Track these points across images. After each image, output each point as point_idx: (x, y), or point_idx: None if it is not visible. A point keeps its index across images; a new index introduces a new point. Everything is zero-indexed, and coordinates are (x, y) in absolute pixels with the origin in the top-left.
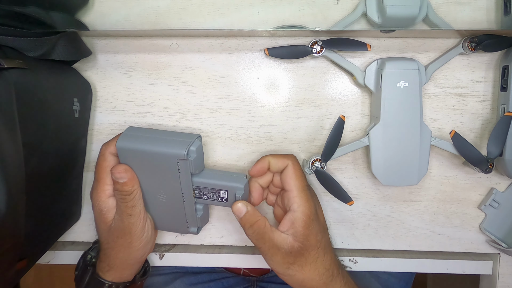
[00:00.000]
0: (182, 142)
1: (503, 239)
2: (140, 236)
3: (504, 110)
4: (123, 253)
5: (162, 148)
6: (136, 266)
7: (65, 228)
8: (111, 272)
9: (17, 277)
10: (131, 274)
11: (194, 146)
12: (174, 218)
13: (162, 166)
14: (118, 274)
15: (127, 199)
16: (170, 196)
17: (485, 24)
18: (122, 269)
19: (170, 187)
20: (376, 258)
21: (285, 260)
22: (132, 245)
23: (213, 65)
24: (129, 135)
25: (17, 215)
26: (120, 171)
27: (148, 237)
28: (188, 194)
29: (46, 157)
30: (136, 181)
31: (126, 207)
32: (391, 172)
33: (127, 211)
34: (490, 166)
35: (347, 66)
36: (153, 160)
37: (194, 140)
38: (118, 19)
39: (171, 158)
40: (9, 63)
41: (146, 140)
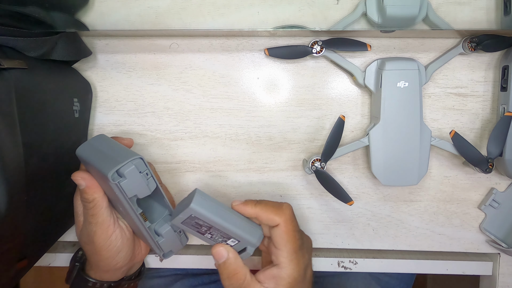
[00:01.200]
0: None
1: (503, 239)
2: (104, 246)
3: (504, 110)
4: (93, 258)
5: (100, 166)
6: (116, 272)
7: (65, 228)
8: (93, 271)
9: (17, 277)
10: (113, 276)
11: (126, 169)
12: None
13: (107, 184)
14: (99, 274)
15: (88, 206)
16: (128, 213)
17: (485, 24)
18: (101, 271)
19: (121, 204)
20: (376, 259)
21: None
22: (98, 253)
23: (213, 65)
24: (90, 143)
25: (17, 215)
26: (77, 178)
27: (118, 247)
28: (138, 219)
29: (46, 157)
30: (97, 189)
31: (87, 214)
32: (391, 172)
33: (88, 219)
34: (490, 166)
35: (347, 66)
36: (100, 176)
37: (127, 163)
38: (118, 19)
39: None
40: (9, 63)
41: (96, 152)
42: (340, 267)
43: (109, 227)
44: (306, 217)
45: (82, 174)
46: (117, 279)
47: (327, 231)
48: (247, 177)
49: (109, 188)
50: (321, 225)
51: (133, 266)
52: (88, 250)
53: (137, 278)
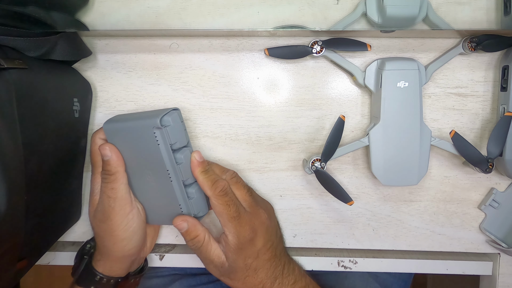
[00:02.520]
0: (158, 113)
1: (503, 239)
2: (121, 224)
3: (504, 110)
4: (108, 241)
5: (139, 121)
6: (126, 260)
7: (65, 228)
8: (101, 262)
9: (17, 277)
10: (121, 268)
11: (169, 116)
12: (166, 204)
13: (143, 141)
14: (107, 265)
15: (108, 179)
16: (156, 175)
17: (485, 24)
18: (111, 260)
19: (154, 163)
20: (376, 258)
21: (216, 270)
22: (114, 233)
23: (213, 65)
24: (115, 118)
25: (17, 215)
26: (105, 148)
27: (134, 229)
28: (174, 172)
29: (46, 157)
30: (120, 163)
31: (106, 187)
32: (391, 172)
33: (107, 192)
34: (490, 166)
35: (347, 66)
36: (134, 136)
37: (170, 111)
38: (118, 19)
39: (147, 129)
40: (9, 63)
41: (128, 118)
42: (340, 267)
43: (127, 205)
44: (306, 217)
45: (110, 145)
46: (123, 273)
47: (327, 231)
48: (247, 177)
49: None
50: (321, 225)
51: (136, 262)
52: (103, 230)
53: (141, 273)
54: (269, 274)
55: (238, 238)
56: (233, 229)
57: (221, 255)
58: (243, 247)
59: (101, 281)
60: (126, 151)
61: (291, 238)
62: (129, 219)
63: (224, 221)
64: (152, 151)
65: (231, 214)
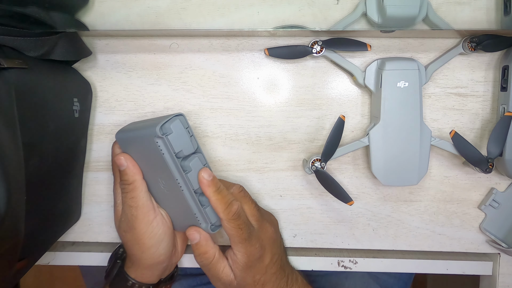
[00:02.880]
0: (159, 121)
1: (503, 239)
2: (146, 232)
3: (504, 110)
4: (136, 250)
5: (142, 131)
6: (157, 267)
7: (65, 228)
8: (132, 269)
9: (17, 277)
10: (153, 275)
11: (171, 123)
12: (183, 212)
13: (149, 150)
14: (139, 272)
15: (127, 188)
16: (168, 184)
17: (485, 24)
18: (141, 268)
19: (164, 172)
20: (376, 258)
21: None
22: (140, 242)
23: (213, 65)
24: (126, 127)
25: (17, 215)
26: (120, 158)
27: (160, 236)
28: (184, 181)
29: (46, 157)
30: (137, 171)
31: (126, 197)
32: (391, 172)
33: (128, 202)
34: (490, 166)
35: (347, 66)
36: (141, 145)
37: (171, 118)
38: (118, 19)
39: (150, 139)
40: (9, 63)
41: (136, 127)
42: (340, 267)
43: (150, 212)
44: (306, 217)
45: (125, 155)
46: (155, 280)
47: (327, 231)
48: (247, 177)
49: (150, 159)
50: (321, 225)
51: (168, 268)
52: (129, 240)
53: (172, 279)
54: (275, 286)
55: (248, 258)
56: (243, 249)
57: (229, 274)
58: (252, 265)
59: (133, 286)
60: (139, 160)
61: (291, 238)
62: (154, 226)
63: (234, 242)
64: (159, 160)
65: (243, 236)
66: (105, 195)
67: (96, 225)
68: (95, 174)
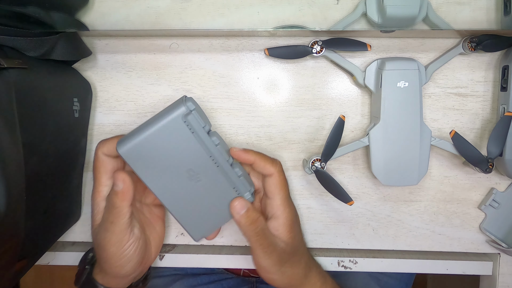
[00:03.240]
0: (176, 105)
1: (503, 239)
2: (116, 255)
3: (504, 110)
4: (103, 264)
5: (161, 122)
6: (123, 279)
7: (65, 228)
8: (101, 275)
9: (17, 277)
10: (121, 283)
11: (189, 101)
12: (219, 193)
13: (172, 141)
14: (106, 279)
15: (111, 211)
16: (201, 168)
17: (485, 24)
18: (108, 277)
19: (195, 157)
20: (376, 258)
21: (280, 257)
22: (108, 261)
23: (213, 65)
24: (125, 139)
25: (17, 215)
26: (119, 177)
27: (129, 257)
28: (218, 155)
29: (46, 157)
30: (128, 198)
31: (106, 219)
32: (391, 172)
33: (106, 224)
34: (490, 166)
35: (347, 66)
36: (160, 142)
37: (184, 98)
38: (118, 19)
39: (175, 123)
40: (9, 63)
41: (142, 129)
42: (340, 267)
43: (124, 237)
44: (306, 217)
45: (125, 177)
46: (124, 286)
47: (327, 231)
48: None
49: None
50: (321, 225)
51: (136, 277)
52: (98, 255)
53: (144, 283)
54: (307, 250)
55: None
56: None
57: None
58: (294, 223)
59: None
60: (154, 166)
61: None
62: (124, 249)
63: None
64: (186, 145)
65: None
66: None
67: None
68: None
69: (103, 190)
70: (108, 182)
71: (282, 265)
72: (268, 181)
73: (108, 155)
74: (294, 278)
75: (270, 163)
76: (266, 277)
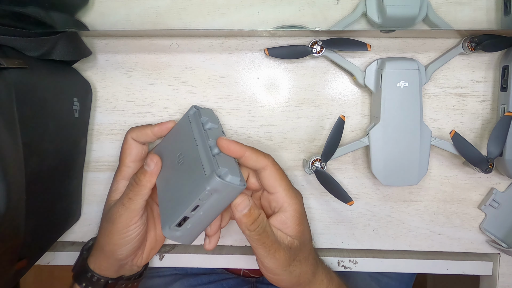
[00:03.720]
0: None
1: (503, 239)
2: (121, 232)
3: (504, 110)
4: (103, 240)
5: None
6: (114, 262)
7: (65, 228)
8: (93, 258)
9: (17, 277)
10: (109, 269)
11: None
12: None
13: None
14: (97, 262)
15: (133, 187)
16: (186, 150)
17: (485, 24)
18: (100, 257)
19: (186, 141)
20: (376, 258)
21: (287, 256)
22: (111, 236)
23: (213, 65)
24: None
25: (17, 215)
26: (153, 159)
27: (130, 239)
28: (200, 137)
29: (46, 157)
30: (153, 180)
31: (126, 195)
32: (391, 172)
33: (124, 199)
34: (490, 166)
35: (347, 66)
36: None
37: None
38: (118, 19)
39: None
40: (9, 63)
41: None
42: (340, 267)
43: (134, 218)
44: None
45: (157, 159)
46: (113, 275)
47: (327, 231)
48: None
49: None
50: (321, 225)
51: (126, 266)
52: (104, 228)
53: (137, 279)
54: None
55: (300, 206)
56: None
57: (286, 236)
58: (303, 215)
59: (92, 279)
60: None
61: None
62: (130, 229)
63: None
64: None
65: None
66: (105, 195)
67: (96, 225)
68: (95, 174)
69: (125, 170)
70: (131, 164)
71: (289, 264)
72: (264, 175)
73: (136, 140)
74: (303, 276)
75: (262, 155)
76: (272, 279)
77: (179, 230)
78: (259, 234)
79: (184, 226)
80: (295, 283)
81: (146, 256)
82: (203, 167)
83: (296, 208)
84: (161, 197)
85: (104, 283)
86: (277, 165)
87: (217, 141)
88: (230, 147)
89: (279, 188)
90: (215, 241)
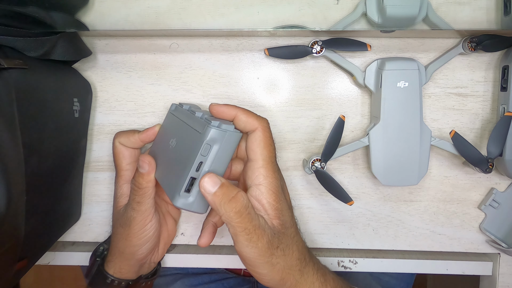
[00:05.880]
0: None
1: (503, 239)
2: (138, 233)
3: (504, 110)
4: (121, 244)
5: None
6: (135, 263)
7: (65, 228)
8: (111, 263)
9: (17, 277)
10: (130, 271)
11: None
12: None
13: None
14: (118, 266)
15: (137, 192)
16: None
17: (485, 24)
18: (120, 261)
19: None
20: (376, 258)
21: (270, 243)
22: (129, 238)
23: (213, 65)
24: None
25: (17, 215)
26: (145, 160)
27: (149, 237)
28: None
29: (46, 157)
30: (152, 180)
31: (133, 200)
32: (391, 172)
33: (133, 204)
34: (490, 166)
35: (347, 66)
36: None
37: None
38: (118, 19)
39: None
40: (9, 63)
41: None
42: (340, 267)
43: (148, 217)
44: (306, 217)
45: (150, 159)
46: (133, 276)
47: (327, 231)
48: None
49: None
50: (321, 225)
51: (145, 265)
52: (119, 233)
53: (154, 276)
54: (303, 241)
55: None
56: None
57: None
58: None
59: (113, 283)
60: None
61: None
62: (146, 229)
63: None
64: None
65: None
66: (105, 195)
67: (96, 225)
68: (95, 174)
69: (124, 174)
70: (128, 166)
71: (272, 254)
72: (251, 137)
73: (124, 145)
74: (287, 273)
75: (254, 117)
76: (252, 272)
77: (190, 196)
78: (239, 215)
79: (194, 190)
80: (278, 280)
81: (161, 251)
82: (196, 130)
83: (273, 182)
84: (162, 180)
85: (125, 285)
86: (269, 132)
87: (209, 107)
88: (220, 109)
89: (259, 156)
90: (208, 237)
